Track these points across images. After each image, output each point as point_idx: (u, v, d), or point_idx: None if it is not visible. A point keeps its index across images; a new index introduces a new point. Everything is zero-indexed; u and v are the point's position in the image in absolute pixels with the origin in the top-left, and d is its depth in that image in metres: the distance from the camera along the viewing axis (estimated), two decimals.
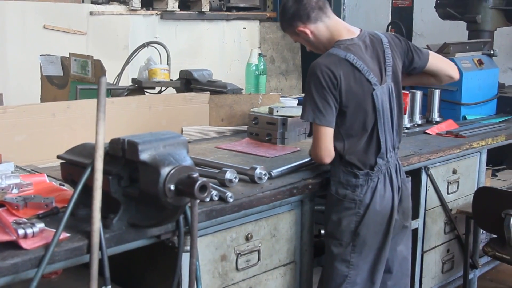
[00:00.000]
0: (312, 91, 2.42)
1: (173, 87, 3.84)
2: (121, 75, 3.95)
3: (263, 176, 2.43)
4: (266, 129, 3.20)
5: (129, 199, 1.89)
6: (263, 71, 4.13)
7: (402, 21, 5.78)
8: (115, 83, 3.89)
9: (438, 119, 3.74)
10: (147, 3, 5.27)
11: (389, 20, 6.12)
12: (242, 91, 3.77)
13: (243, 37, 5.89)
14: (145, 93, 3.71)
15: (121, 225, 1.89)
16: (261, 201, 2.34)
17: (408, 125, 3.54)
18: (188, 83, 3.77)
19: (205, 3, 5.46)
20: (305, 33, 2.55)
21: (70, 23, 4.91)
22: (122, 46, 5.03)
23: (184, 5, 5.49)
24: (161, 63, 3.82)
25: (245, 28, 5.91)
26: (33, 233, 1.73)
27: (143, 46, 4.00)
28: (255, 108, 3.44)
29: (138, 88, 3.71)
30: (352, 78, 2.43)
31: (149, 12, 5.24)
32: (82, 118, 2.89)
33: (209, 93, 3.50)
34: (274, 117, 3.18)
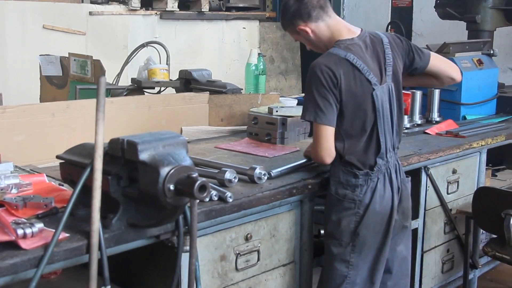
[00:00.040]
0: (312, 91, 2.42)
1: (173, 87, 3.84)
2: (120, 75, 3.95)
3: (263, 176, 2.43)
4: (265, 129, 3.20)
5: (128, 199, 1.89)
6: (262, 71, 4.13)
7: (401, 21, 5.78)
8: (114, 83, 3.89)
9: (437, 119, 3.74)
10: (146, 3, 5.27)
11: (389, 20, 6.11)
12: (241, 91, 3.77)
13: (242, 37, 5.89)
14: (144, 93, 3.71)
15: (121, 225, 1.88)
16: (260, 201, 2.34)
17: (408, 125, 3.54)
18: (187, 83, 3.77)
19: (205, 3, 5.46)
20: (305, 31, 2.55)
21: (69, 23, 4.90)
22: (121, 46, 5.03)
23: (184, 5, 5.49)
24: (160, 63, 3.82)
25: (244, 28, 5.91)
26: (32, 233, 1.73)
27: (142, 46, 4.00)
28: (254, 108, 3.44)
29: (137, 88, 3.71)
30: (352, 77, 2.43)
31: (148, 12, 5.24)
32: (82, 118, 2.89)
33: (208, 93, 3.50)
34: (274, 117, 3.18)
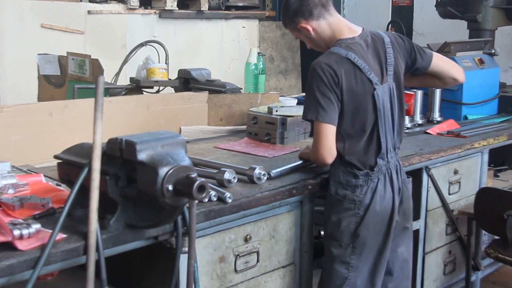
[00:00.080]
0: (313, 89, 2.42)
1: (172, 87, 3.84)
2: (119, 74, 3.95)
3: (262, 177, 2.43)
4: (265, 128, 3.20)
5: (126, 200, 1.88)
6: (262, 70, 4.13)
7: (402, 20, 5.79)
8: (113, 82, 3.88)
9: (439, 118, 3.73)
10: (145, 2, 5.27)
11: (389, 19, 6.12)
12: (241, 90, 3.78)
13: (242, 36, 5.89)
14: (143, 92, 3.71)
15: (118, 226, 1.88)
16: (260, 201, 2.33)
17: (409, 124, 3.54)
18: (186, 82, 3.77)
19: (204, 2, 5.45)
20: (307, 29, 2.54)
21: (67, 22, 4.90)
22: (120, 45, 5.02)
23: (183, 4, 5.49)
24: (159, 62, 3.81)
25: (244, 27, 5.91)
26: (29, 234, 1.72)
27: (141, 45, 4.00)
28: (254, 107, 3.43)
29: (136, 87, 3.71)
30: (353, 77, 2.43)
31: (147, 11, 5.24)
32: (80, 117, 2.88)
33: (207, 92, 3.50)
34: (273, 116, 3.17)
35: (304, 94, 3.29)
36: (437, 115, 3.74)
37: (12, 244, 1.69)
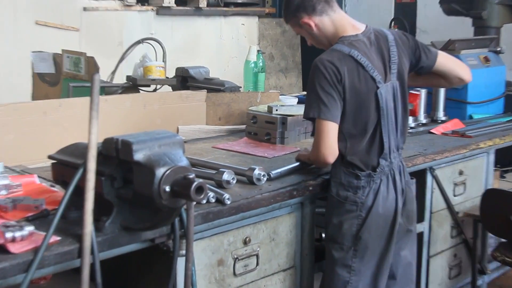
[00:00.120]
0: (315, 86, 2.41)
1: (169, 85, 3.84)
2: (115, 73, 3.96)
3: (262, 177, 2.42)
4: (265, 128, 3.19)
5: (122, 201, 1.88)
6: (262, 68, 4.13)
7: (405, 17, 5.79)
8: (109, 80, 3.88)
9: (443, 118, 3.72)
10: None
11: (392, 16, 6.13)
12: (240, 89, 3.77)
13: (241, 33, 5.89)
14: (140, 91, 3.72)
15: (114, 228, 1.88)
16: (259, 203, 2.33)
17: (413, 124, 3.52)
18: (184, 80, 3.77)
19: None
20: (309, 25, 2.54)
21: (62, 19, 4.91)
22: (116, 43, 5.03)
23: (181, 0, 5.49)
24: (156, 60, 3.82)
25: (243, 24, 5.91)
26: (21, 237, 1.72)
27: (138, 42, 4.01)
28: (253, 106, 3.44)
29: (132, 86, 3.71)
30: (356, 75, 2.43)
31: (144, 8, 5.24)
32: (75, 117, 2.88)
33: (206, 91, 3.50)
34: (273, 116, 3.17)
35: (305, 93, 3.29)
36: (441, 115, 3.73)
37: (4, 247, 1.68)
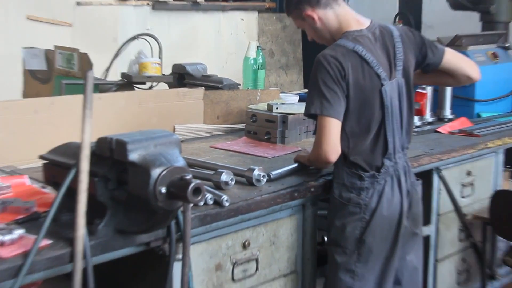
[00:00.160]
0: (318, 82, 2.40)
1: (165, 82, 3.83)
2: (109, 70, 3.96)
3: (262, 178, 2.42)
4: (265, 127, 3.19)
5: (116, 203, 1.88)
6: (261, 65, 4.13)
7: (410, 12, 5.78)
8: (103, 78, 3.88)
9: (450, 116, 3.73)
10: None
11: (397, 11, 6.12)
12: (239, 86, 3.79)
13: (240, 29, 5.89)
14: (135, 88, 3.72)
15: (108, 231, 1.87)
16: (259, 205, 2.33)
17: (418, 123, 3.53)
18: (181, 78, 3.77)
19: None
20: (312, 18, 2.53)
21: (55, 14, 4.91)
22: (110, 39, 5.01)
23: None
24: (152, 57, 3.81)
25: (242, 20, 5.91)
26: (11, 240, 1.72)
27: (133, 38, 4.01)
28: (253, 104, 3.44)
29: (127, 83, 3.71)
30: (361, 71, 2.42)
31: (139, 2, 5.24)
32: (67, 115, 2.88)
33: (203, 88, 3.50)
34: (274, 114, 3.17)
35: (306, 90, 3.28)
36: (448, 113, 3.74)
37: None
